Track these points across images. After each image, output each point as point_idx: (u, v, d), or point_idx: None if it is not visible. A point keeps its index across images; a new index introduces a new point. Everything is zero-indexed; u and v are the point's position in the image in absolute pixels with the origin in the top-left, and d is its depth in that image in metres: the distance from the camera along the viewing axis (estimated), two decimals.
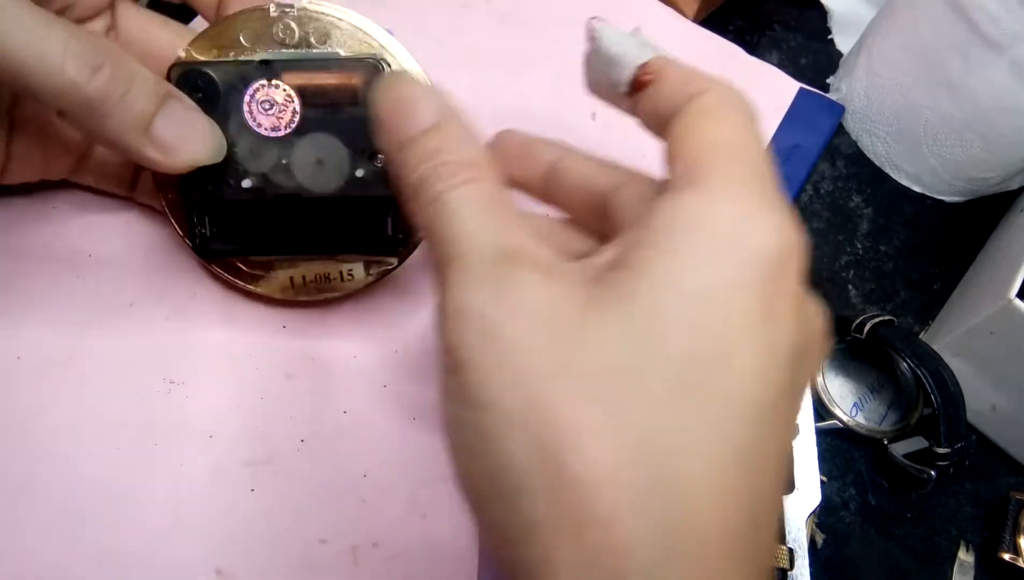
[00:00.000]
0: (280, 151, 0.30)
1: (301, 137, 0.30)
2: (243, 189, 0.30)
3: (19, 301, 0.36)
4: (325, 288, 0.34)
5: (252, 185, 0.30)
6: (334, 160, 0.30)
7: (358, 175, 0.30)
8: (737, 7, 0.50)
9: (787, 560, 0.34)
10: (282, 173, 0.30)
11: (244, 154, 0.30)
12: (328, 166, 0.30)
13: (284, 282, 0.34)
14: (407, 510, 0.35)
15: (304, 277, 0.34)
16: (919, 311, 0.42)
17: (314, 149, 0.30)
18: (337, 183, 0.30)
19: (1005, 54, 0.36)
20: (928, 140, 0.42)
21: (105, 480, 0.34)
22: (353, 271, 0.33)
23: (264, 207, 0.31)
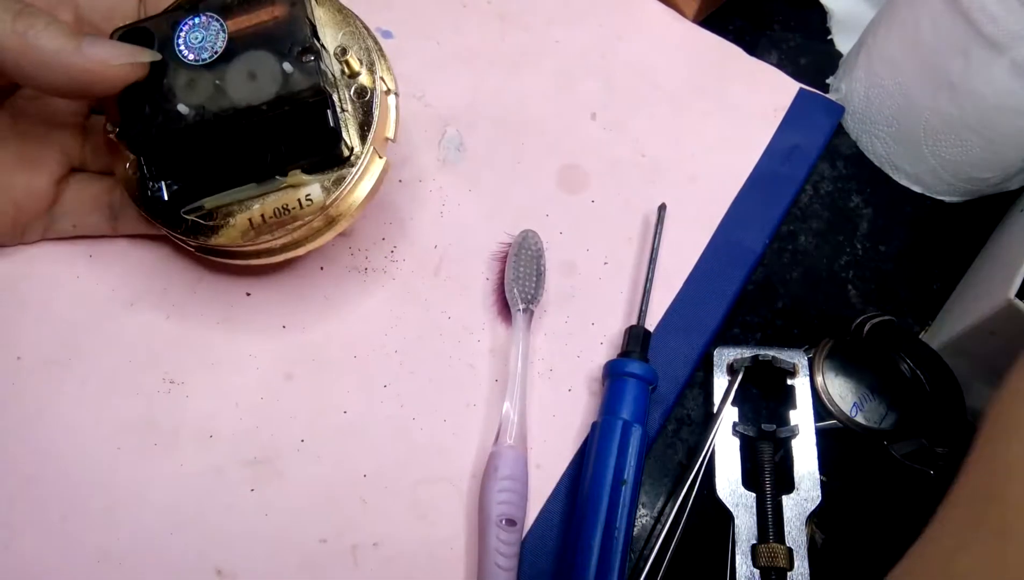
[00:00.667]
0: (214, 76, 0.30)
1: (231, 60, 0.30)
2: (182, 117, 0.30)
3: (19, 301, 0.36)
4: (286, 220, 0.32)
5: (190, 113, 0.30)
6: (265, 70, 0.30)
7: (287, 71, 0.30)
8: (737, 7, 0.50)
9: (786, 560, 0.34)
10: (219, 96, 0.30)
11: (182, 89, 0.30)
12: (260, 77, 0.30)
13: (244, 226, 0.33)
14: (407, 510, 0.35)
15: (263, 215, 0.33)
16: (919, 311, 0.42)
17: (245, 65, 0.30)
18: (271, 89, 0.30)
19: (1005, 54, 0.36)
20: (928, 140, 0.42)
21: (105, 480, 0.34)
22: (311, 194, 0.32)
23: (207, 134, 0.31)
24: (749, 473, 0.36)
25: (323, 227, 0.33)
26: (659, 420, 0.37)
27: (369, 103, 0.33)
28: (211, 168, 0.32)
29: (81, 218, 0.36)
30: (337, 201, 0.33)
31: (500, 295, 0.39)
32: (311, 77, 0.30)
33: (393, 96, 0.34)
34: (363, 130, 0.33)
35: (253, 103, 0.30)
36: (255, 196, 0.33)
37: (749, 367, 0.39)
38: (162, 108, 0.30)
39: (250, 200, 0.33)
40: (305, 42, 0.30)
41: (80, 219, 0.36)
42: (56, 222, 0.36)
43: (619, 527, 0.32)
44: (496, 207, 0.41)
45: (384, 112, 0.34)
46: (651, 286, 0.38)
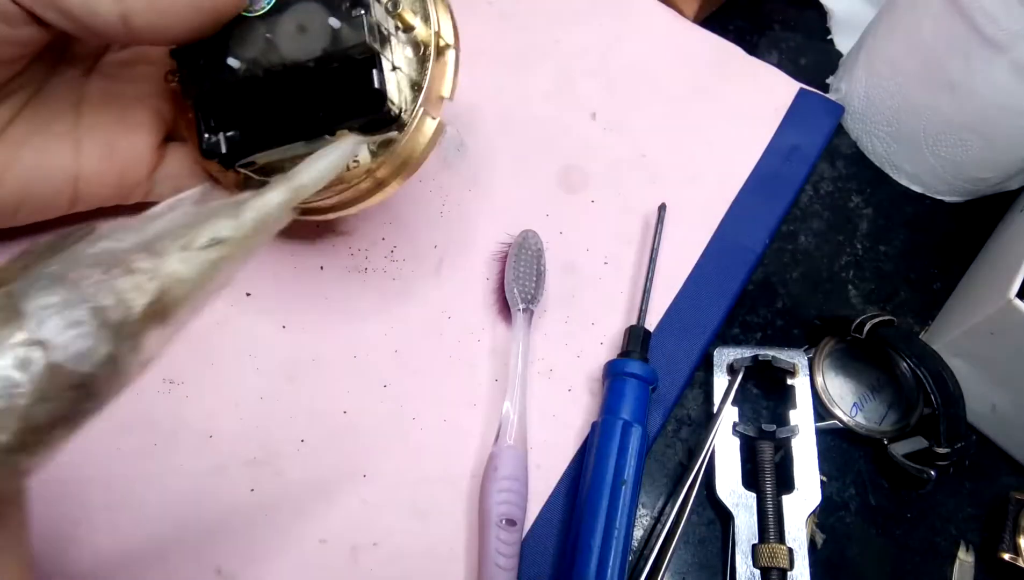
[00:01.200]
0: (266, 29, 0.30)
1: (283, 11, 0.30)
2: (233, 71, 0.30)
3: None
4: (333, 181, 0.31)
5: (241, 66, 0.30)
6: (315, 24, 0.29)
7: (334, 26, 0.29)
8: (737, 7, 0.50)
9: (786, 560, 0.34)
10: (269, 50, 0.30)
11: (236, 41, 0.30)
12: (310, 31, 0.29)
13: None
14: (407, 510, 0.35)
15: None
16: (919, 311, 0.42)
17: (295, 18, 0.30)
18: (318, 45, 0.29)
19: (1006, 54, 0.36)
20: (928, 140, 0.42)
21: (105, 480, 0.34)
22: (359, 156, 0.32)
23: (258, 89, 0.30)
24: (749, 473, 0.36)
25: (372, 189, 0.33)
26: (659, 420, 0.37)
27: (423, 60, 0.31)
28: (263, 123, 0.32)
29: (184, 182, 0.35)
30: (384, 164, 0.32)
31: (500, 295, 0.39)
32: (358, 33, 0.29)
33: (452, 51, 0.32)
34: (417, 88, 0.31)
35: (300, 59, 0.29)
36: (304, 154, 0.32)
37: (749, 367, 0.39)
38: (215, 61, 0.30)
39: (300, 157, 0.32)
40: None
41: (183, 183, 0.35)
42: (158, 186, 0.35)
43: (619, 527, 0.32)
44: (496, 207, 0.41)
45: (440, 69, 0.32)
46: (651, 286, 0.38)
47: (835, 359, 0.40)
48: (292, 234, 0.39)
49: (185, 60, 0.31)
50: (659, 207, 0.40)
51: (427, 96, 0.31)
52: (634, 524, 0.34)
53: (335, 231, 0.40)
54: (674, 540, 0.35)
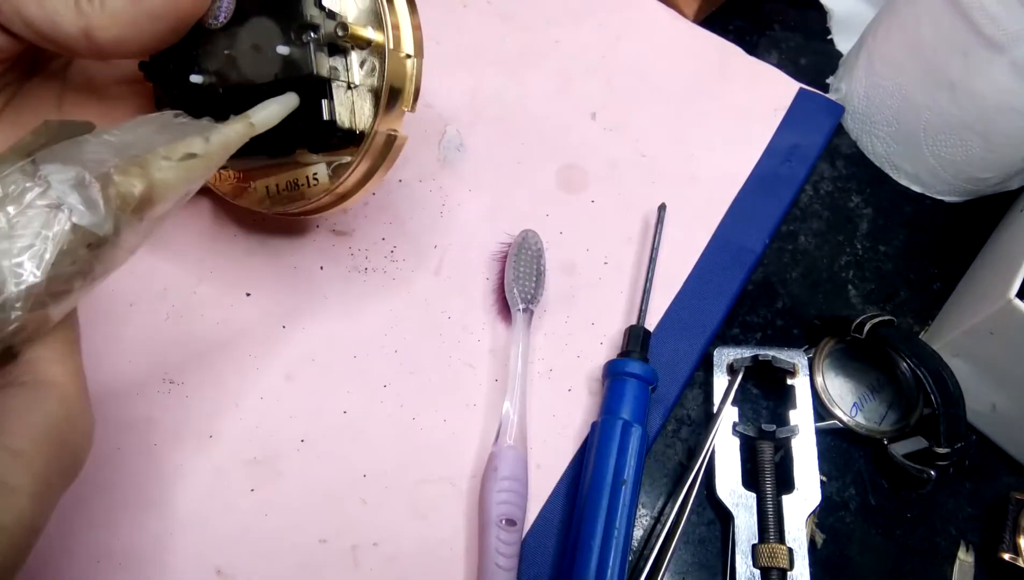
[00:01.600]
0: (227, 43, 0.30)
1: (243, 23, 0.30)
2: (197, 86, 0.31)
3: None
4: (295, 195, 0.33)
5: (205, 80, 0.31)
6: (268, 45, 0.30)
7: (282, 53, 0.29)
8: (737, 7, 0.50)
9: (786, 560, 0.34)
10: (230, 66, 0.30)
11: (201, 53, 0.31)
12: (265, 51, 0.30)
13: (262, 192, 0.34)
14: (407, 510, 0.35)
15: (277, 185, 0.33)
16: (919, 311, 0.42)
17: (252, 35, 0.30)
18: (270, 69, 0.30)
19: (1005, 54, 0.36)
20: (928, 140, 0.42)
21: (105, 480, 0.34)
22: (317, 174, 0.32)
23: (220, 104, 0.31)
24: (749, 473, 0.36)
25: (334, 201, 0.33)
26: (659, 420, 0.37)
27: (381, 76, 0.31)
28: None
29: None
30: (343, 183, 0.32)
31: (500, 295, 0.39)
32: (306, 63, 0.29)
33: (413, 60, 0.31)
34: (375, 104, 0.31)
35: (255, 81, 0.30)
36: (270, 166, 0.33)
37: (749, 367, 0.39)
38: (182, 71, 0.31)
39: (267, 168, 0.33)
40: (303, 17, 0.29)
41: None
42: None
43: (619, 527, 0.32)
44: (496, 207, 0.41)
45: (399, 81, 0.31)
46: (651, 286, 0.38)
47: (835, 359, 0.40)
48: (292, 234, 0.39)
49: (153, 71, 0.31)
50: (659, 207, 0.40)
51: (386, 112, 0.31)
52: (634, 524, 0.34)
53: (335, 231, 0.40)
54: (674, 540, 0.35)
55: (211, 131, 0.27)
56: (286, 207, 0.33)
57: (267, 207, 0.34)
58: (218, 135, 0.27)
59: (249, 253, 0.39)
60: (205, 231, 0.39)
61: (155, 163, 0.25)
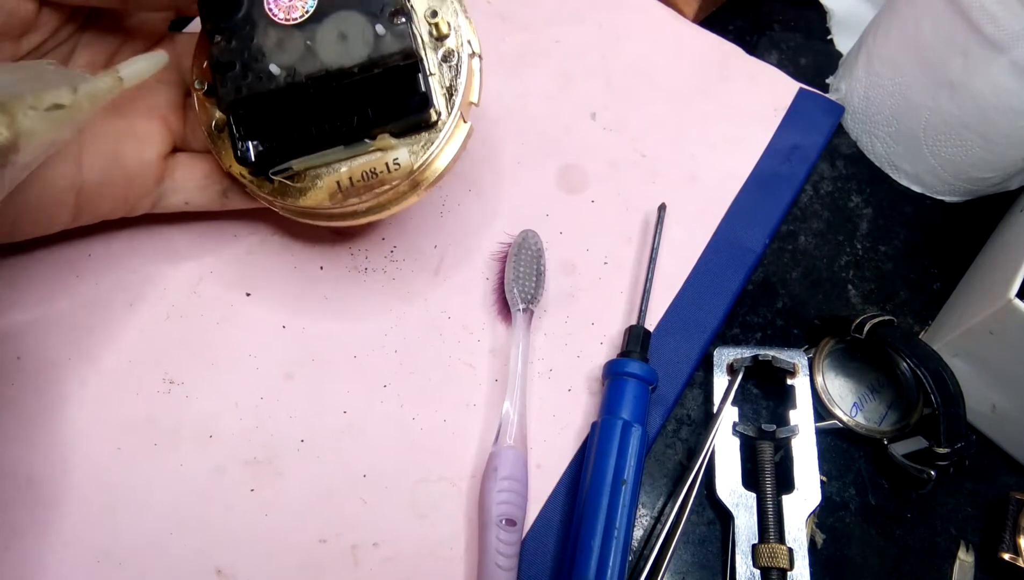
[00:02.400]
0: (304, 37, 0.30)
1: (322, 20, 0.30)
2: (273, 77, 0.30)
3: (19, 301, 0.36)
4: (373, 184, 0.32)
5: (281, 73, 0.30)
6: (356, 31, 0.30)
7: (379, 33, 0.30)
8: (737, 7, 0.50)
9: (786, 560, 0.34)
10: (309, 57, 0.30)
11: (272, 49, 0.30)
12: (351, 38, 0.30)
13: (331, 188, 0.33)
14: (407, 510, 0.35)
15: (351, 178, 0.33)
16: (919, 311, 0.42)
17: (335, 26, 0.30)
18: (362, 51, 0.30)
19: (1006, 54, 0.36)
20: (928, 140, 0.42)
21: (105, 480, 0.34)
22: (399, 159, 0.32)
23: (297, 96, 0.31)
24: (749, 473, 0.36)
25: (408, 191, 0.33)
26: (659, 420, 0.37)
27: (456, 67, 0.33)
28: (300, 129, 0.32)
29: (194, 195, 0.36)
30: (424, 166, 0.32)
31: (500, 295, 0.39)
32: (402, 40, 0.30)
33: (477, 59, 0.34)
34: (449, 94, 0.33)
35: (344, 65, 0.30)
36: (343, 159, 0.33)
37: (749, 367, 0.39)
38: (252, 68, 0.30)
39: (338, 162, 0.33)
40: (396, 4, 0.30)
41: (192, 196, 0.36)
42: (166, 197, 0.35)
43: (619, 527, 0.32)
44: (496, 207, 0.41)
45: (470, 76, 0.33)
46: (651, 286, 0.38)
47: (835, 359, 0.40)
48: (292, 234, 0.39)
49: (220, 67, 0.31)
50: (659, 207, 0.40)
51: (461, 101, 0.33)
52: (634, 524, 0.34)
53: (335, 231, 0.40)
54: (674, 540, 0.35)
55: (80, 81, 0.27)
56: (361, 197, 0.33)
57: (338, 202, 0.33)
58: (87, 86, 0.27)
59: (249, 253, 0.39)
60: (205, 231, 0.39)
61: (21, 110, 0.24)
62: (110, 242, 0.38)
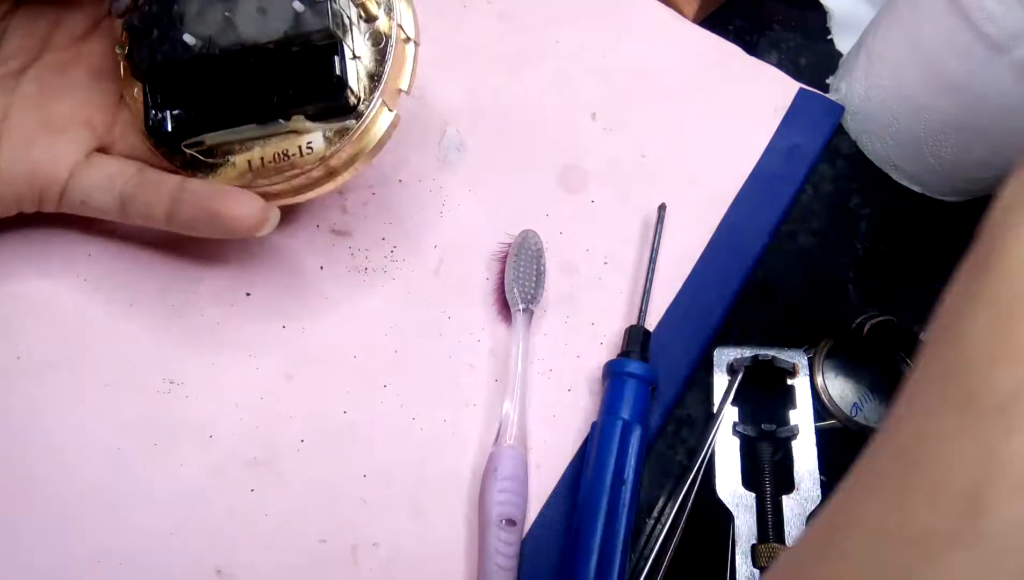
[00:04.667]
0: (224, 7, 0.30)
1: None
2: (188, 48, 0.29)
3: (19, 301, 0.36)
4: (284, 166, 0.31)
5: (197, 43, 0.29)
6: (277, 6, 0.29)
7: (298, 9, 0.29)
8: (737, 7, 0.50)
9: None
10: (228, 30, 0.29)
11: (192, 18, 0.30)
12: (271, 13, 0.29)
13: (243, 167, 0.32)
14: (407, 510, 0.35)
15: (262, 158, 0.32)
16: (919, 311, 0.42)
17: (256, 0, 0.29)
18: (280, 27, 0.29)
19: (1007, 55, 0.36)
20: (928, 141, 0.42)
21: (105, 480, 0.34)
22: (312, 143, 0.31)
23: (212, 68, 0.30)
24: (749, 473, 0.36)
25: (323, 177, 0.32)
26: (659, 420, 0.37)
27: (384, 51, 0.31)
28: (215, 103, 0.31)
29: (91, 195, 0.34)
30: (338, 152, 0.31)
31: (500, 295, 0.39)
32: (322, 19, 0.29)
33: (412, 45, 0.32)
34: (375, 79, 0.31)
35: (260, 40, 0.29)
36: (257, 137, 0.32)
37: (749, 367, 0.39)
38: (169, 36, 0.30)
39: (252, 141, 0.32)
40: None
41: (90, 196, 0.34)
42: (69, 194, 0.34)
43: (619, 527, 0.32)
44: (496, 207, 0.41)
45: (399, 62, 0.32)
46: (651, 286, 0.38)
47: (835, 359, 0.40)
48: (292, 234, 0.39)
49: (137, 33, 0.30)
50: (659, 207, 0.40)
51: (385, 87, 0.31)
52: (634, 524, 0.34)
53: (335, 231, 0.40)
54: (674, 540, 0.35)
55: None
56: (271, 180, 0.32)
57: (248, 182, 0.32)
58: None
59: (249, 253, 0.39)
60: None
61: None
62: (110, 242, 0.38)
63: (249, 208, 0.31)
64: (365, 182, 0.41)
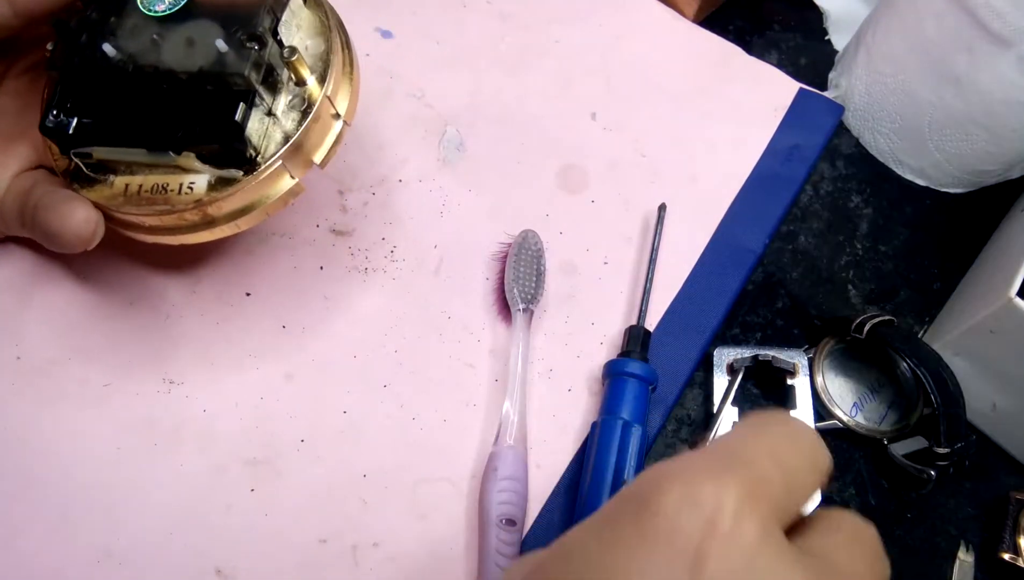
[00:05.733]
0: (158, 30, 0.30)
1: (185, 20, 0.29)
2: (107, 58, 0.29)
3: (19, 301, 0.36)
4: (157, 200, 0.30)
5: (116, 56, 0.29)
6: (206, 41, 0.29)
7: (220, 49, 0.28)
8: (737, 7, 0.50)
9: None
10: (151, 51, 0.29)
11: (125, 31, 0.30)
12: (198, 46, 0.29)
13: (119, 189, 0.31)
14: (407, 510, 0.35)
15: (140, 186, 0.31)
16: (919, 311, 0.42)
17: (191, 31, 0.29)
18: (198, 62, 0.29)
19: (1012, 49, 0.36)
20: (933, 135, 0.42)
21: (105, 480, 0.34)
22: (195, 184, 0.30)
23: (123, 83, 0.30)
24: None
25: (200, 224, 0.31)
26: (659, 420, 0.37)
27: (302, 118, 0.30)
28: (116, 119, 0.30)
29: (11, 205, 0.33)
30: (218, 201, 0.30)
31: (500, 295, 0.39)
32: (240, 64, 0.28)
33: (341, 123, 0.32)
34: (284, 141, 0.30)
35: (176, 69, 0.29)
36: (144, 164, 0.31)
37: (749, 367, 0.39)
38: (95, 42, 0.29)
39: (138, 166, 0.31)
40: (255, 28, 0.29)
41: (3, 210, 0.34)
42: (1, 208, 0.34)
43: None
44: (496, 207, 0.41)
45: (319, 134, 0.31)
46: (651, 286, 0.38)
47: (835, 359, 0.40)
48: (292, 234, 0.39)
49: (65, 35, 0.30)
50: (659, 207, 0.40)
51: (293, 152, 0.30)
52: None
53: (335, 231, 0.40)
54: None
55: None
56: (139, 209, 0.31)
57: (118, 206, 0.31)
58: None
59: (249, 253, 0.39)
60: None
61: None
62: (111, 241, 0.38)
63: (73, 223, 0.30)
64: (365, 182, 0.41)
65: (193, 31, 0.29)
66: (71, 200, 0.31)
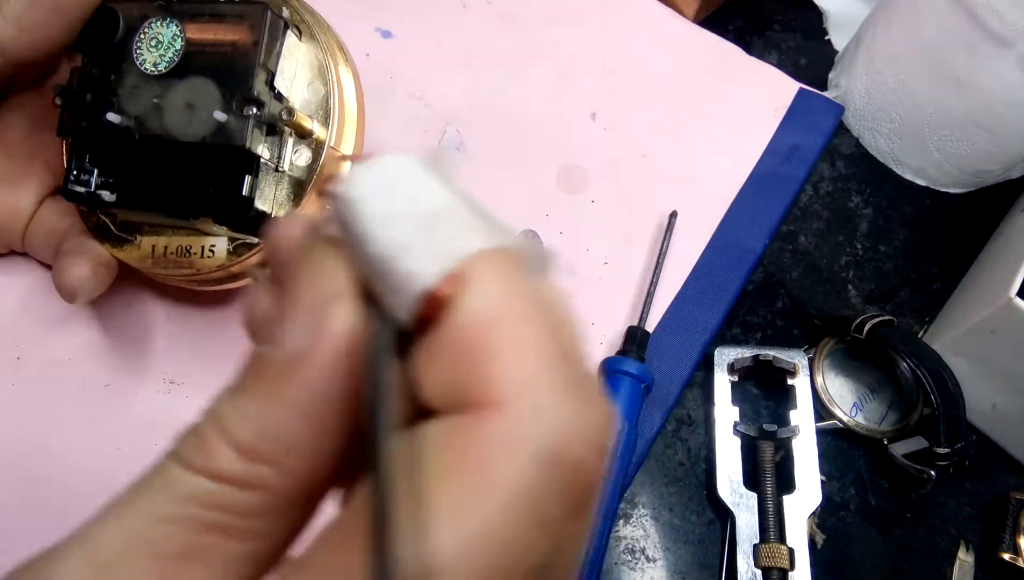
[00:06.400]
0: (158, 91, 0.29)
1: (181, 79, 0.29)
2: (113, 125, 0.29)
3: (19, 301, 0.36)
4: (183, 262, 0.31)
5: (122, 122, 0.29)
6: (205, 106, 0.28)
7: (218, 119, 0.28)
8: (737, 7, 0.50)
9: (787, 560, 0.34)
10: (154, 116, 0.29)
11: (125, 91, 0.29)
12: (198, 111, 0.28)
13: (147, 250, 0.32)
14: None
15: (166, 247, 0.32)
16: (919, 311, 0.42)
17: (188, 92, 0.29)
18: (200, 131, 0.28)
19: (1013, 49, 0.36)
20: (933, 136, 0.42)
21: (105, 480, 0.34)
22: (215, 247, 0.31)
23: (132, 149, 0.30)
24: (749, 473, 0.36)
25: (224, 278, 0.32)
26: (659, 420, 0.37)
27: (311, 169, 0.30)
28: (133, 179, 0.31)
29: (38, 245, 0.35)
30: (240, 263, 0.31)
31: None
32: (238, 136, 0.28)
33: (348, 164, 0.32)
34: (294, 196, 0.30)
35: (180, 137, 0.29)
36: (166, 225, 0.32)
37: (749, 367, 0.39)
38: (100, 103, 0.29)
39: (161, 226, 0.32)
40: (250, 90, 0.28)
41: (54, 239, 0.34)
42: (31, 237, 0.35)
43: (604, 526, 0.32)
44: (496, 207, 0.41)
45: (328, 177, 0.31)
46: (655, 290, 0.38)
47: (835, 359, 0.40)
48: None
49: (69, 100, 0.30)
50: (670, 214, 0.40)
51: (303, 208, 0.30)
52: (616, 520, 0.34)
53: None
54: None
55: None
56: (168, 271, 0.32)
57: (147, 266, 0.32)
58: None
59: None
60: None
61: None
62: None
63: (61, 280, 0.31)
64: None
65: (191, 94, 0.29)
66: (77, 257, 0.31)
